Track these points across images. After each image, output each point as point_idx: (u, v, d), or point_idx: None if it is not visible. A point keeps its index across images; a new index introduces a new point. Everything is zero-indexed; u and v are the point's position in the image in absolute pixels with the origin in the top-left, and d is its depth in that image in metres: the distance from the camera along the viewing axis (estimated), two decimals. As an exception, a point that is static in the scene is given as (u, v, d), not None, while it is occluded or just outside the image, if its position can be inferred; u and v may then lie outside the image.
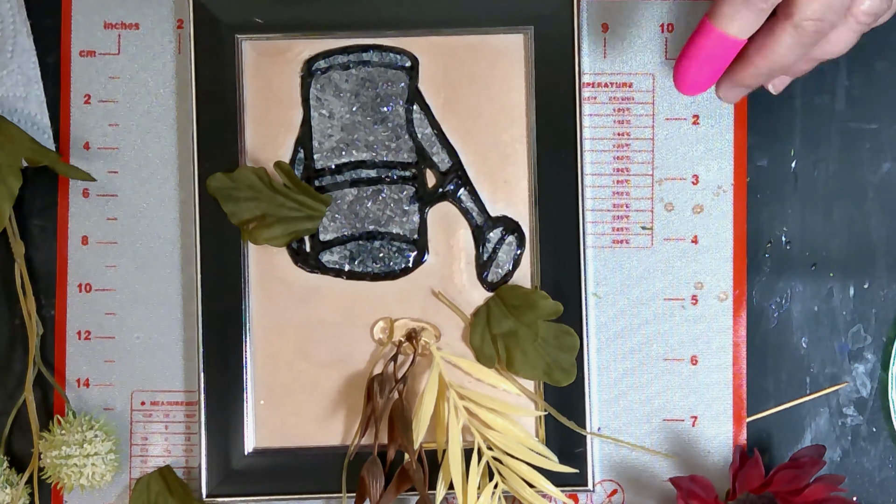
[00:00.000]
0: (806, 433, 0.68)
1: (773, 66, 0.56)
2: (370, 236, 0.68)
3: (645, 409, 0.67)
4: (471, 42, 0.68)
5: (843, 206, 0.68)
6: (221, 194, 0.66)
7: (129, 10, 0.68)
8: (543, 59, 0.67)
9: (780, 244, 0.68)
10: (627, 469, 0.68)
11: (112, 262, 0.68)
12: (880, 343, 0.68)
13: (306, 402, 0.68)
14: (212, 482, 0.67)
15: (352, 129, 0.68)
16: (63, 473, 0.65)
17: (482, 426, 0.66)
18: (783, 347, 0.68)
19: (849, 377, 0.68)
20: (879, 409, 0.68)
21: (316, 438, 0.68)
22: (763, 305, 0.68)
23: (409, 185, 0.68)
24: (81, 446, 0.65)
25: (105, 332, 0.68)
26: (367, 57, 0.68)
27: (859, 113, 0.68)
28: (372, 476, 0.65)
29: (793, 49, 0.55)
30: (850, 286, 0.68)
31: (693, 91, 0.57)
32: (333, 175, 0.68)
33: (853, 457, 0.68)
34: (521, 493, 0.65)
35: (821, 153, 0.68)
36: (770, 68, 0.56)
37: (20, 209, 0.68)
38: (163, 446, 0.68)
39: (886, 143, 0.68)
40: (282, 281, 0.68)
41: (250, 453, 0.67)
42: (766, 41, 0.55)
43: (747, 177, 0.68)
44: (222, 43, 0.67)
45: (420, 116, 0.68)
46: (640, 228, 0.68)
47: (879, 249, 0.68)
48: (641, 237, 0.68)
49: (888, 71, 0.68)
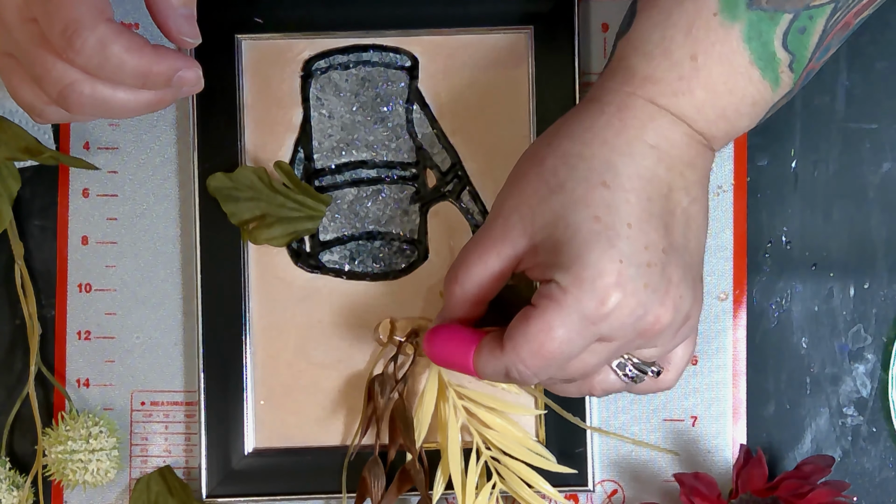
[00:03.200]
0: (806, 433, 0.68)
1: None
2: (370, 236, 0.68)
3: (645, 409, 0.67)
4: (471, 42, 0.68)
5: (844, 206, 0.68)
6: (221, 194, 0.66)
7: (128, 9, 0.68)
8: (543, 59, 0.67)
9: (780, 244, 0.68)
10: (628, 469, 0.68)
11: (112, 262, 0.68)
12: (880, 343, 0.68)
13: (306, 403, 0.68)
14: (212, 482, 0.67)
15: (352, 128, 0.68)
16: (68, 469, 0.65)
17: (481, 426, 0.66)
18: (783, 347, 0.68)
19: (849, 377, 0.68)
20: (880, 409, 0.68)
21: (316, 439, 0.68)
22: (763, 305, 0.68)
23: (410, 184, 0.68)
24: (87, 441, 0.65)
25: (105, 332, 0.68)
26: (366, 57, 0.68)
27: (859, 113, 0.68)
28: (373, 476, 0.65)
29: None
30: (850, 286, 0.68)
31: None
32: (333, 175, 0.68)
33: (853, 457, 0.68)
34: (520, 493, 0.65)
35: (821, 153, 0.68)
36: None
37: (20, 209, 0.68)
38: (163, 446, 0.68)
39: (887, 143, 0.68)
40: (282, 281, 0.68)
41: (250, 453, 0.67)
42: None
43: (747, 177, 0.68)
44: (222, 43, 0.67)
45: (420, 116, 0.68)
46: (641, 228, 0.68)
47: (880, 249, 0.68)
48: (641, 237, 0.68)
49: (888, 71, 0.68)
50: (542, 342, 0.52)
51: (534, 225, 0.54)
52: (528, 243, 0.54)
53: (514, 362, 0.53)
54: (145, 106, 0.55)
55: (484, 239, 0.55)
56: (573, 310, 0.51)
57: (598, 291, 0.51)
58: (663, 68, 0.54)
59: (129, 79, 0.53)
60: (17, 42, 0.54)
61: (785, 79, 0.54)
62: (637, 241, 0.52)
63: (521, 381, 0.54)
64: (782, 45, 0.53)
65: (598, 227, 0.52)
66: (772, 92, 0.55)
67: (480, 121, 0.68)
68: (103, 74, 0.53)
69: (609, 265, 0.51)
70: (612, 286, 0.51)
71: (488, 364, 0.55)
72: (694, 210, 0.55)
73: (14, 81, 0.56)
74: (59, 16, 0.51)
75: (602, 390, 0.57)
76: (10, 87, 0.56)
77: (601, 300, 0.51)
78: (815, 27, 0.53)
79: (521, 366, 0.53)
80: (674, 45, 0.53)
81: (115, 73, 0.53)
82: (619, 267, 0.51)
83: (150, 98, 0.55)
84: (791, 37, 0.53)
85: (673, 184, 0.54)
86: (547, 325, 0.52)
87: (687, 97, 0.54)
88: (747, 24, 0.53)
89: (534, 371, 0.53)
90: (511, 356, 0.53)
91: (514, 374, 0.53)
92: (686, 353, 0.58)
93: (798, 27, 0.53)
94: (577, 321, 0.51)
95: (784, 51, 0.53)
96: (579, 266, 0.51)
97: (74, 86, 0.53)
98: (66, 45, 0.51)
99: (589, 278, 0.51)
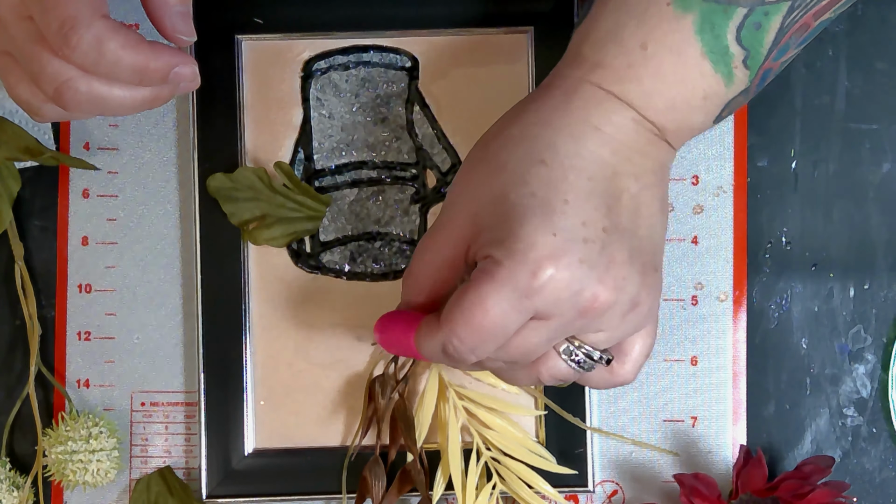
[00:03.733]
0: (806, 434, 0.68)
1: None
2: (370, 237, 0.68)
3: (645, 410, 0.67)
4: (471, 42, 0.68)
5: (844, 206, 0.68)
6: (221, 194, 0.66)
7: (129, 10, 0.68)
8: (543, 59, 0.66)
9: (780, 244, 0.68)
10: (628, 470, 0.68)
11: (112, 263, 0.68)
12: (880, 344, 0.68)
13: (306, 403, 0.68)
14: (212, 483, 0.67)
15: (352, 129, 0.68)
16: (68, 469, 0.65)
17: (481, 426, 0.66)
18: (783, 348, 0.68)
19: (849, 378, 0.68)
20: (880, 409, 0.68)
21: (316, 439, 0.68)
22: (763, 306, 0.68)
23: (410, 185, 0.68)
24: (87, 441, 0.65)
25: (105, 332, 0.68)
26: (367, 57, 0.68)
27: (859, 113, 0.68)
28: (374, 476, 0.65)
29: None
30: (850, 287, 0.68)
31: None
32: (334, 175, 0.68)
33: (853, 457, 0.68)
34: (520, 494, 0.65)
35: (821, 153, 0.68)
36: None
37: (20, 209, 0.68)
38: (163, 447, 0.68)
39: (887, 143, 0.68)
40: (282, 281, 0.68)
41: (250, 454, 0.67)
42: None
43: (747, 177, 0.68)
44: (222, 43, 0.67)
45: (420, 116, 0.68)
46: (641, 229, 0.68)
47: (880, 250, 0.68)
48: (641, 237, 0.68)
49: (888, 71, 0.68)
50: (474, 314, 0.51)
51: (477, 207, 0.54)
52: (473, 226, 0.54)
53: (448, 337, 0.52)
54: (142, 103, 0.55)
55: (434, 228, 0.56)
56: (506, 282, 0.51)
57: (530, 263, 0.51)
58: (612, 55, 0.54)
59: (126, 75, 0.53)
60: (13, 39, 0.54)
61: (739, 75, 0.54)
62: (573, 217, 0.52)
63: (458, 358, 0.53)
64: (736, 39, 0.53)
65: (533, 203, 0.52)
66: (725, 87, 0.54)
67: (480, 121, 0.67)
68: (100, 71, 0.53)
69: (542, 238, 0.51)
70: (545, 258, 0.51)
71: (426, 341, 0.54)
72: (646, 197, 0.54)
73: (11, 79, 0.56)
74: (56, 13, 0.51)
75: (550, 376, 0.56)
76: (8, 84, 0.56)
77: (533, 272, 0.51)
78: (770, 24, 0.53)
79: (456, 340, 0.52)
80: (625, 33, 0.54)
81: (112, 69, 0.52)
82: (553, 240, 0.51)
83: (147, 95, 0.55)
84: (745, 32, 0.53)
85: (619, 168, 0.54)
86: (479, 297, 0.51)
87: (634, 84, 0.54)
88: (700, 16, 0.53)
89: (469, 346, 0.52)
90: (446, 331, 0.52)
91: (450, 350, 0.53)
92: (644, 345, 0.57)
93: (753, 22, 0.53)
94: (509, 294, 0.51)
95: (738, 45, 0.53)
96: (512, 239, 0.51)
97: (70, 83, 0.53)
98: (63, 41, 0.51)
99: (521, 250, 0.51)
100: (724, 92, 0.55)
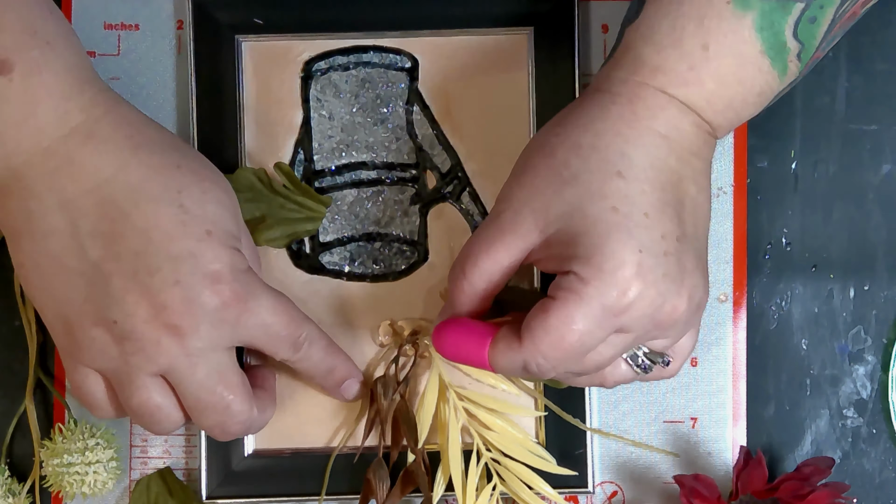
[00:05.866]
0: (806, 435, 0.68)
1: None
2: (370, 238, 0.68)
3: (645, 411, 0.67)
4: (471, 42, 0.68)
5: (844, 207, 0.68)
6: (221, 195, 0.66)
7: (129, 10, 0.68)
8: (543, 59, 0.66)
9: (780, 245, 0.68)
10: (628, 470, 0.68)
11: (112, 264, 0.68)
12: (880, 345, 0.68)
13: (306, 404, 0.68)
14: (212, 483, 0.67)
15: (352, 130, 0.68)
16: (65, 481, 0.65)
17: (481, 427, 0.66)
18: (783, 349, 0.68)
19: (849, 379, 0.68)
20: (880, 410, 0.68)
21: (316, 440, 0.68)
22: (763, 307, 0.68)
23: (410, 186, 0.68)
24: (83, 454, 0.65)
25: (105, 333, 0.68)
26: (366, 58, 0.67)
27: (859, 114, 0.68)
28: (378, 478, 0.65)
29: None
30: (850, 287, 0.68)
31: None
32: (333, 176, 0.67)
33: (853, 458, 0.68)
34: (520, 495, 0.65)
35: (821, 154, 0.68)
36: None
37: (20, 210, 0.68)
38: (163, 447, 0.68)
39: (887, 144, 0.68)
40: (281, 282, 0.68)
41: (250, 455, 0.67)
42: None
43: (747, 178, 0.68)
44: (222, 44, 0.67)
45: (420, 117, 0.68)
46: (641, 230, 0.68)
47: (879, 251, 0.68)
48: (642, 238, 0.67)
49: (888, 72, 0.68)
50: (562, 334, 0.51)
51: (547, 217, 0.53)
52: (540, 236, 0.54)
53: (533, 355, 0.52)
54: None
55: (493, 232, 0.55)
56: (594, 301, 0.51)
57: (619, 282, 0.51)
58: (674, 58, 0.54)
59: (319, 374, 0.63)
60: None
61: (792, 68, 0.54)
62: (654, 231, 0.52)
63: (538, 374, 0.53)
64: (793, 34, 0.53)
65: (616, 218, 0.52)
66: (778, 81, 0.55)
67: (480, 121, 0.68)
68: (301, 366, 0.61)
69: (629, 255, 0.51)
70: (634, 277, 0.51)
71: (505, 357, 0.54)
72: (701, 199, 0.55)
73: (99, 396, 0.58)
74: None
75: (614, 382, 0.57)
76: (94, 401, 0.58)
77: (622, 291, 0.51)
78: (825, 16, 0.53)
79: (541, 358, 0.52)
80: (685, 35, 0.53)
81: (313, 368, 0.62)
82: (639, 257, 0.51)
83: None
84: (801, 26, 0.53)
85: (682, 173, 0.54)
86: (568, 316, 0.51)
87: (697, 87, 0.54)
88: (759, 14, 0.52)
89: (552, 364, 0.52)
90: (530, 349, 0.52)
91: (532, 368, 0.53)
92: (690, 341, 0.57)
93: (809, 17, 0.53)
94: (598, 313, 0.51)
95: (794, 40, 0.53)
96: (599, 257, 0.51)
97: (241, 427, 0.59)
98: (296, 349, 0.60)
99: (609, 269, 0.51)
100: (776, 86, 0.55)
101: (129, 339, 0.54)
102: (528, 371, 0.53)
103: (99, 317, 0.54)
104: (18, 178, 0.55)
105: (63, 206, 0.54)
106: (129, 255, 0.54)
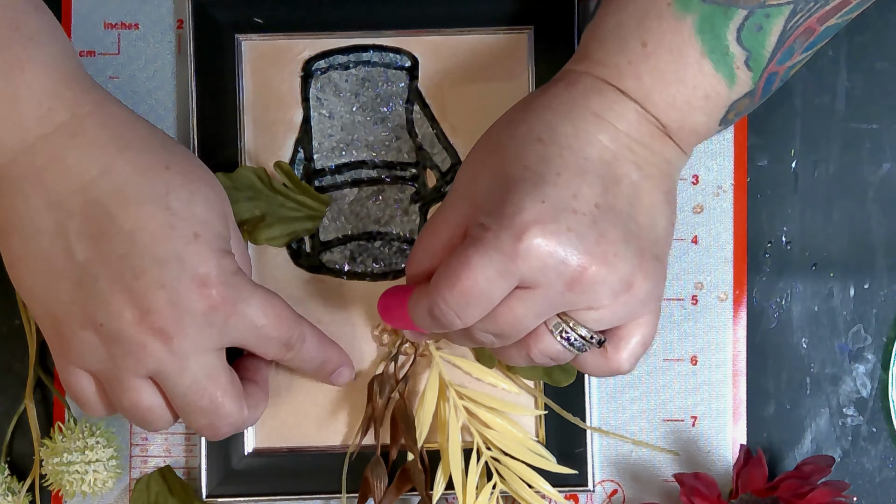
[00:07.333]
0: (806, 433, 0.68)
1: None
2: (370, 236, 0.68)
3: (644, 409, 0.67)
4: (471, 41, 0.68)
5: (844, 206, 0.68)
6: (221, 194, 0.66)
7: (129, 10, 0.68)
8: (543, 59, 0.66)
9: (780, 244, 0.68)
10: (628, 469, 0.68)
11: (112, 263, 0.68)
12: (880, 343, 0.68)
13: (306, 403, 0.68)
14: (212, 482, 0.67)
15: (352, 129, 0.68)
16: (65, 480, 0.64)
17: (481, 426, 0.66)
18: (783, 347, 0.68)
19: (849, 377, 0.68)
20: (880, 409, 0.68)
21: (316, 439, 0.68)
22: (763, 305, 0.68)
23: (410, 185, 0.68)
24: (83, 453, 0.65)
25: (105, 332, 0.68)
26: (366, 57, 0.68)
27: (860, 113, 0.68)
28: (376, 476, 0.65)
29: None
30: (850, 286, 0.68)
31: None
32: (333, 175, 0.68)
33: (853, 457, 0.68)
34: (520, 494, 0.65)
35: (821, 153, 0.68)
36: None
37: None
38: (163, 446, 0.68)
39: (887, 143, 0.68)
40: (282, 281, 0.68)
41: (250, 453, 0.67)
42: None
43: (747, 177, 0.68)
44: (222, 43, 0.67)
45: (420, 116, 0.68)
46: (641, 228, 0.68)
47: (880, 249, 0.68)
48: (641, 237, 0.67)
49: (888, 71, 0.68)
50: (459, 276, 0.52)
51: (475, 187, 0.55)
52: (471, 206, 0.55)
53: (435, 300, 0.53)
54: None
55: (436, 213, 0.57)
56: (491, 245, 0.52)
57: (515, 227, 0.51)
58: (614, 52, 0.55)
59: (311, 367, 0.62)
60: None
61: (742, 76, 0.54)
62: (564, 189, 0.53)
63: (444, 322, 0.54)
64: (736, 40, 0.54)
65: (526, 174, 0.53)
66: (728, 88, 0.55)
67: (480, 121, 0.67)
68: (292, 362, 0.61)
69: (529, 203, 0.52)
70: (531, 222, 0.51)
71: (417, 305, 0.55)
72: (647, 186, 0.55)
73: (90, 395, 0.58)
74: None
75: (541, 354, 0.56)
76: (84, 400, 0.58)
77: (518, 235, 0.51)
78: (772, 26, 0.53)
79: (442, 302, 0.53)
80: (626, 32, 0.55)
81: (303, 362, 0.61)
82: (541, 206, 0.52)
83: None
84: (746, 33, 0.53)
85: (619, 154, 0.54)
86: (465, 259, 0.52)
87: (634, 80, 0.55)
88: (700, 17, 0.53)
89: (455, 309, 0.53)
90: (433, 293, 0.53)
91: (436, 313, 0.54)
92: (643, 335, 0.56)
93: (753, 24, 0.53)
94: (494, 256, 0.52)
95: (738, 46, 0.54)
96: (501, 205, 0.52)
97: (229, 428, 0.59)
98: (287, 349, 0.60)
99: (508, 215, 0.52)
100: (726, 93, 0.55)
101: (115, 341, 0.54)
102: (434, 318, 0.54)
103: (86, 319, 0.54)
104: (4, 176, 0.55)
105: (50, 207, 0.54)
106: (116, 258, 0.54)
